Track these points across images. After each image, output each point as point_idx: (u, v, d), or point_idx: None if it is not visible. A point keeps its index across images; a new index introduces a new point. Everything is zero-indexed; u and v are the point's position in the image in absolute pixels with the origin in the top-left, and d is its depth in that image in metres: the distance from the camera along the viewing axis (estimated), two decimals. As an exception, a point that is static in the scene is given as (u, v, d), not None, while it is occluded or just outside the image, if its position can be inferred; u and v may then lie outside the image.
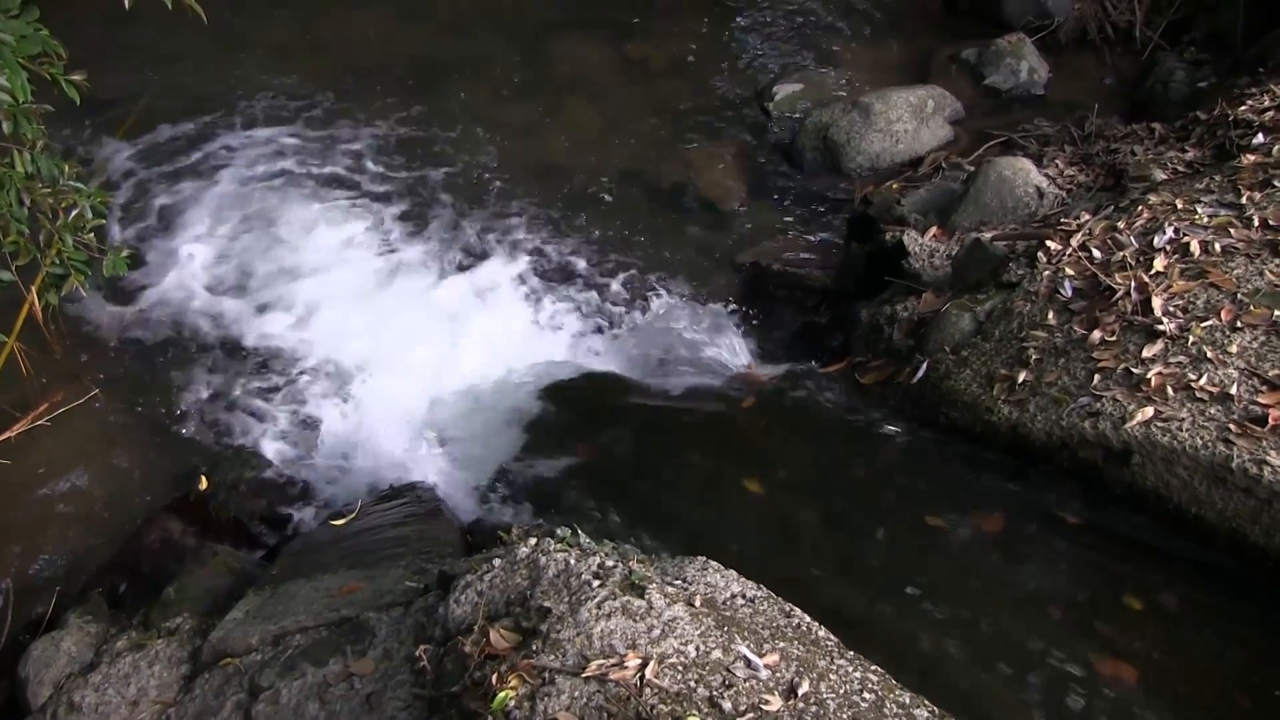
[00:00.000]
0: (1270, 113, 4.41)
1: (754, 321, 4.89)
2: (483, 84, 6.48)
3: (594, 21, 7.12)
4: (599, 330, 4.90)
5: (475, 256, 5.25)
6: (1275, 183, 3.77)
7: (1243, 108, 4.53)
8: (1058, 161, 5.00)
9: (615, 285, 5.10)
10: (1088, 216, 3.98)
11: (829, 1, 7.36)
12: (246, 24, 6.85)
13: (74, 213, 2.97)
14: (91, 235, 3.06)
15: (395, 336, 4.76)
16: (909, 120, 5.73)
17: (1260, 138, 4.22)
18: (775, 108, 6.20)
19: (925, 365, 3.80)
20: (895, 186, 5.18)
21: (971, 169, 4.97)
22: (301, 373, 4.67)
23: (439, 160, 5.85)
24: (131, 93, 6.20)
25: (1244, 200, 3.73)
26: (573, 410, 4.21)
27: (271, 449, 4.34)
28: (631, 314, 4.97)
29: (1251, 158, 4.00)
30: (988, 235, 4.19)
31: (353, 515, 3.71)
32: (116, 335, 4.84)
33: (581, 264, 5.22)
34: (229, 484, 4.08)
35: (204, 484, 4.05)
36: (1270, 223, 3.56)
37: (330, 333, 4.80)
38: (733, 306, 4.95)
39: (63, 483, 4.18)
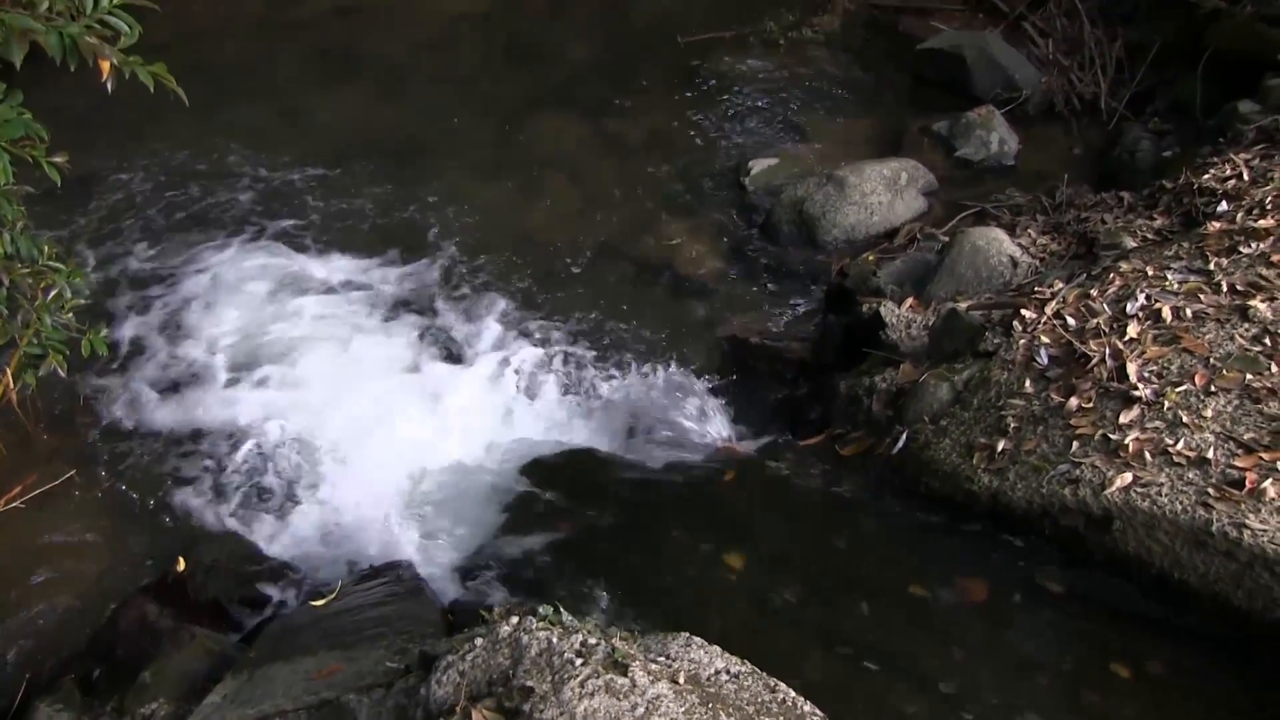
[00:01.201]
0: (1232, 181, 4.51)
1: (733, 395, 4.90)
2: (461, 162, 6.55)
3: (571, 99, 7.23)
4: (579, 406, 4.90)
5: (454, 334, 5.26)
6: (1241, 249, 3.84)
7: (1206, 176, 4.62)
8: (1030, 231, 5.07)
9: (594, 360, 5.11)
10: (1061, 285, 4.02)
11: (802, 78, 7.50)
12: (227, 104, 6.92)
13: (53, 293, 2.98)
14: (70, 315, 3.06)
15: (374, 415, 4.75)
16: (883, 193, 5.81)
17: (1224, 205, 4.31)
18: (751, 182, 6.28)
19: (904, 436, 3.80)
20: (871, 258, 5.23)
21: (946, 240, 5.03)
22: (280, 453, 4.64)
23: (417, 238, 5.88)
24: (112, 172, 6.24)
25: (1212, 266, 3.79)
26: (553, 486, 4.19)
27: (250, 529, 4.30)
28: (611, 389, 4.97)
29: (1217, 225, 4.08)
30: (963, 305, 4.24)
31: (332, 596, 3.66)
32: (94, 416, 4.81)
33: (561, 339, 5.23)
34: (207, 565, 4.03)
35: (181, 565, 4.00)
36: (1238, 288, 3.62)
37: (308, 412, 4.78)
38: (712, 380, 4.97)
39: (37, 566, 4.12)
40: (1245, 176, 4.55)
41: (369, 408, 4.80)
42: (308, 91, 7.37)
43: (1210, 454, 3.07)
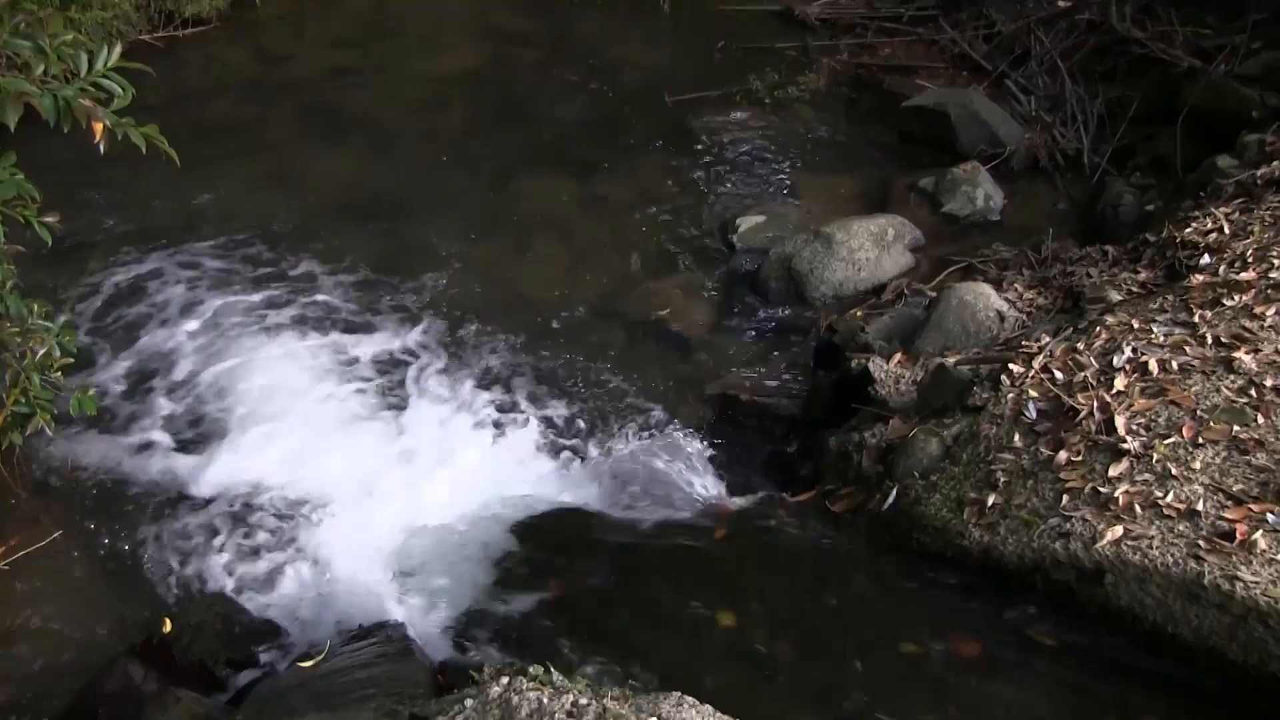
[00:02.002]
0: (1214, 235, 4.57)
1: (724, 452, 4.89)
2: (451, 220, 6.58)
3: (560, 158, 7.29)
4: (569, 464, 4.89)
5: (444, 392, 5.25)
6: (1224, 301, 3.88)
7: (1188, 230, 4.68)
8: (1017, 285, 5.10)
9: (584, 418, 5.10)
10: (1048, 338, 4.05)
11: (789, 136, 7.59)
12: (218, 164, 6.96)
13: (41, 352, 2.98)
14: (59, 374, 3.05)
15: (363, 474, 4.73)
16: (870, 249, 5.85)
17: (1207, 258, 4.36)
18: (739, 240, 6.31)
19: (895, 491, 3.80)
20: (859, 314, 5.26)
21: (933, 295, 5.06)
22: (267, 512, 4.61)
23: (406, 297, 5.90)
24: (103, 232, 6.26)
25: (1196, 319, 3.82)
26: (543, 545, 4.17)
27: (237, 590, 4.25)
28: (601, 447, 4.96)
29: (1200, 278, 4.12)
30: (951, 360, 4.25)
31: (321, 657, 3.62)
32: (80, 476, 4.77)
33: (550, 397, 5.23)
34: (193, 627, 3.97)
35: (167, 627, 3.95)
36: (1223, 340, 3.65)
37: (296, 471, 4.75)
38: (702, 437, 4.96)
39: (19, 629, 4.06)
40: (1226, 230, 4.61)
41: (357, 466, 4.78)
42: (299, 151, 7.43)
43: (1200, 506, 3.07)
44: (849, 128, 7.79)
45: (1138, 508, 3.14)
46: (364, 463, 4.81)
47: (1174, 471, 3.20)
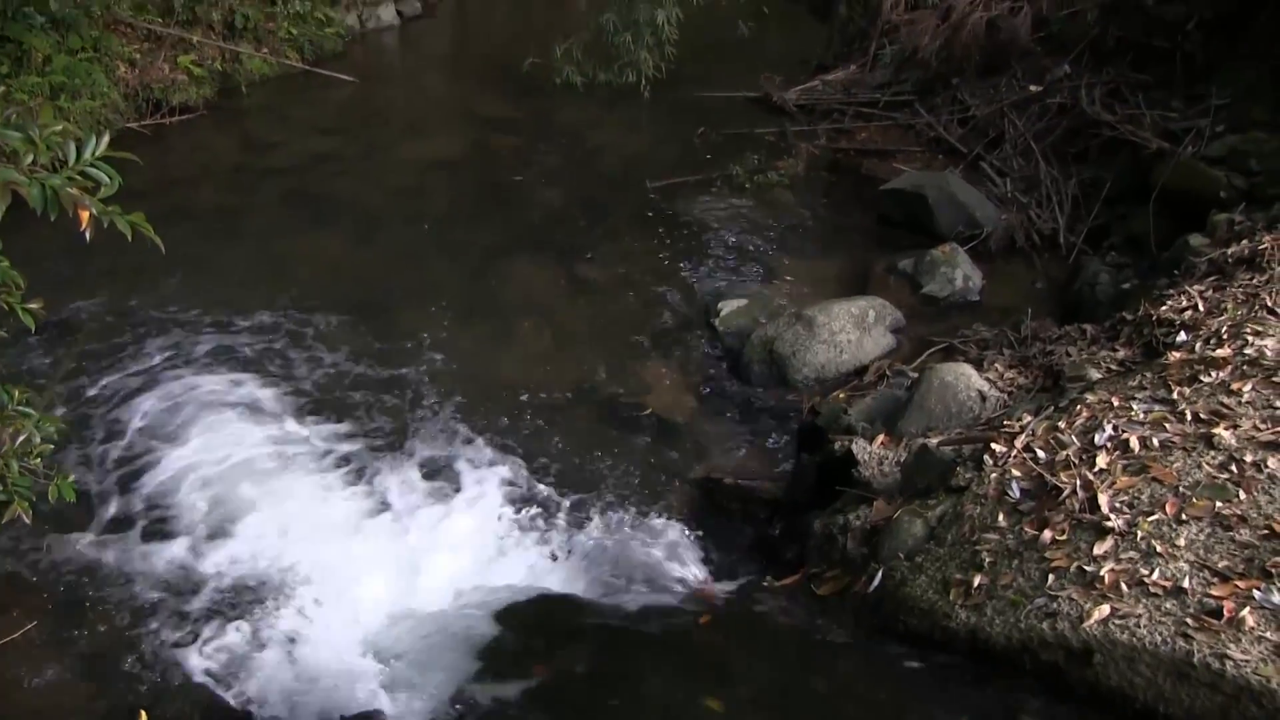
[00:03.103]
0: (1189, 312, 4.63)
1: (708, 536, 4.86)
2: (434, 306, 6.62)
3: (541, 244, 7.37)
4: (552, 551, 4.84)
5: (426, 480, 5.21)
6: (1202, 378, 3.91)
7: (1164, 308, 4.75)
8: (997, 365, 5.14)
9: (568, 504, 5.07)
10: (1029, 418, 4.06)
11: (769, 220, 7.69)
12: (203, 250, 7.02)
13: (21, 438, 2.95)
14: (39, 461, 3.03)
15: (344, 562, 4.67)
16: (852, 330, 5.89)
17: (1183, 335, 4.41)
18: (721, 323, 6.35)
19: (880, 574, 3.77)
20: (842, 396, 5.28)
21: (915, 376, 5.09)
22: (246, 600, 4.54)
23: (390, 383, 5.89)
24: (86, 317, 6.26)
25: (1175, 395, 3.85)
26: (528, 632, 4.12)
27: (216, 681, 4.17)
28: (585, 533, 4.92)
29: (1177, 355, 4.16)
30: (934, 441, 4.26)
31: (300, 752, 3.55)
32: (57, 565, 4.71)
33: (534, 484, 5.19)
34: (170, 721, 3.91)
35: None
36: (1202, 416, 3.67)
37: (277, 560, 4.69)
38: (686, 522, 4.93)
39: (-8, 725, 3.99)
40: (1201, 307, 4.67)
41: (339, 554, 4.72)
42: (282, 236, 7.49)
43: (1186, 583, 3.06)
44: (828, 211, 7.91)
45: (1124, 586, 3.13)
46: (345, 550, 4.75)
47: (1159, 549, 3.19)
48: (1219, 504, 3.30)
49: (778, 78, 9.98)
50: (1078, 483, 3.56)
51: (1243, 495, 3.32)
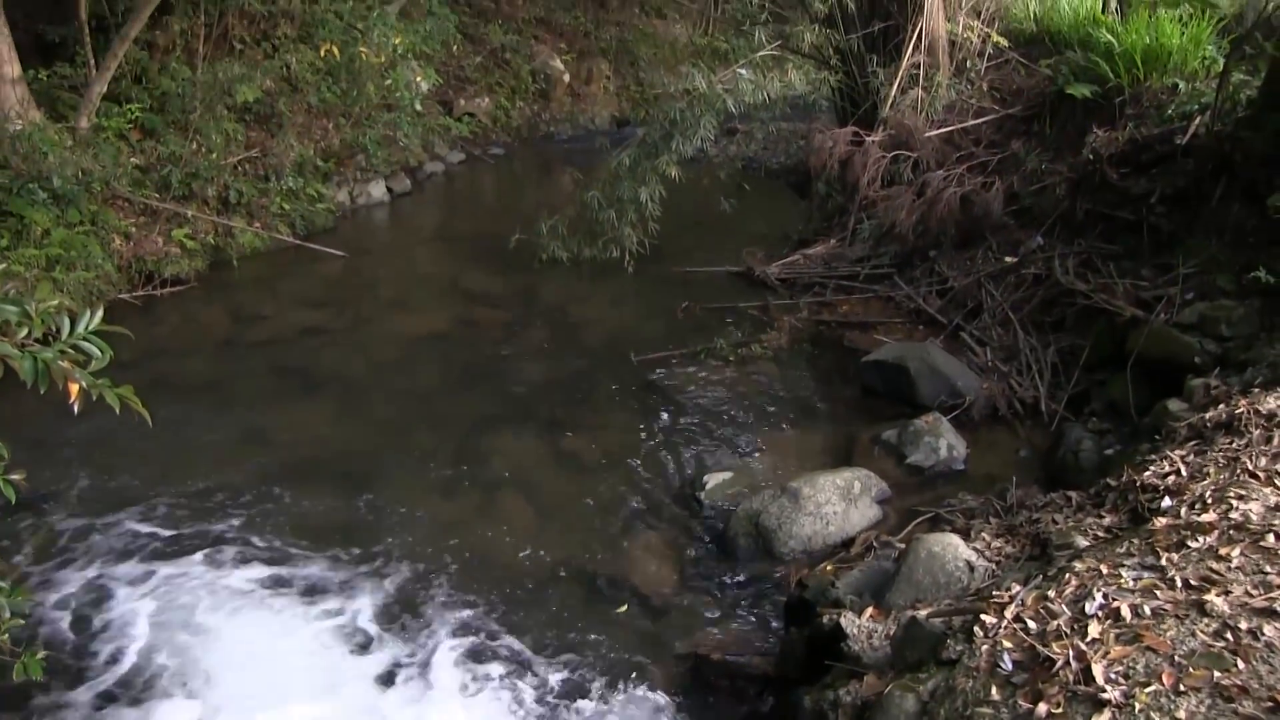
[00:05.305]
0: (1172, 478, 4.64)
1: (696, 713, 4.74)
2: (418, 479, 6.59)
3: (526, 418, 7.39)
4: (537, 731, 4.72)
5: (409, 657, 5.10)
6: (1189, 544, 3.89)
7: (1147, 474, 4.76)
8: (984, 534, 5.11)
9: (553, 683, 4.94)
10: (1018, 587, 4.02)
11: (753, 392, 7.75)
12: (189, 421, 7.03)
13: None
14: (6, 637, 2.96)
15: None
16: (837, 503, 5.88)
17: (1168, 501, 4.40)
18: (706, 496, 6.33)
19: (874, 750, 3.68)
20: (829, 569, 5.22)
21: (902, 547, 5.06)
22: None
23: (373, 556, 5.81)
24: (67, 488, 6.22)
25: (1164, 562, 3.82)
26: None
27: None
28: (571, 712, 4.79)
29: (1163, 521, 4.15)
30: (924, 613, 4.20)
31: None
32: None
33: (518, 662, 5.08)
34: None
35: None
36: (1192, 583, 3.63)
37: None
38: (674, 700, 4.81)
39: None
40: (1183, 472, 4.68)
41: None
42: (269, 409, 7.51)
43: (1189, 758, 2.98)
44: (812, 383, 7.99)
45: (1125, 761, 3.04)
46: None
47: (1158, 722, 3.12)
48: (1217, 674, 3.24)
49: (759, 252, 10.22)
50: (1070, 653, 3.50)
51: (1241, 664, 3.26)
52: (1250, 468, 4.51)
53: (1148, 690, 3.24)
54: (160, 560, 5.73)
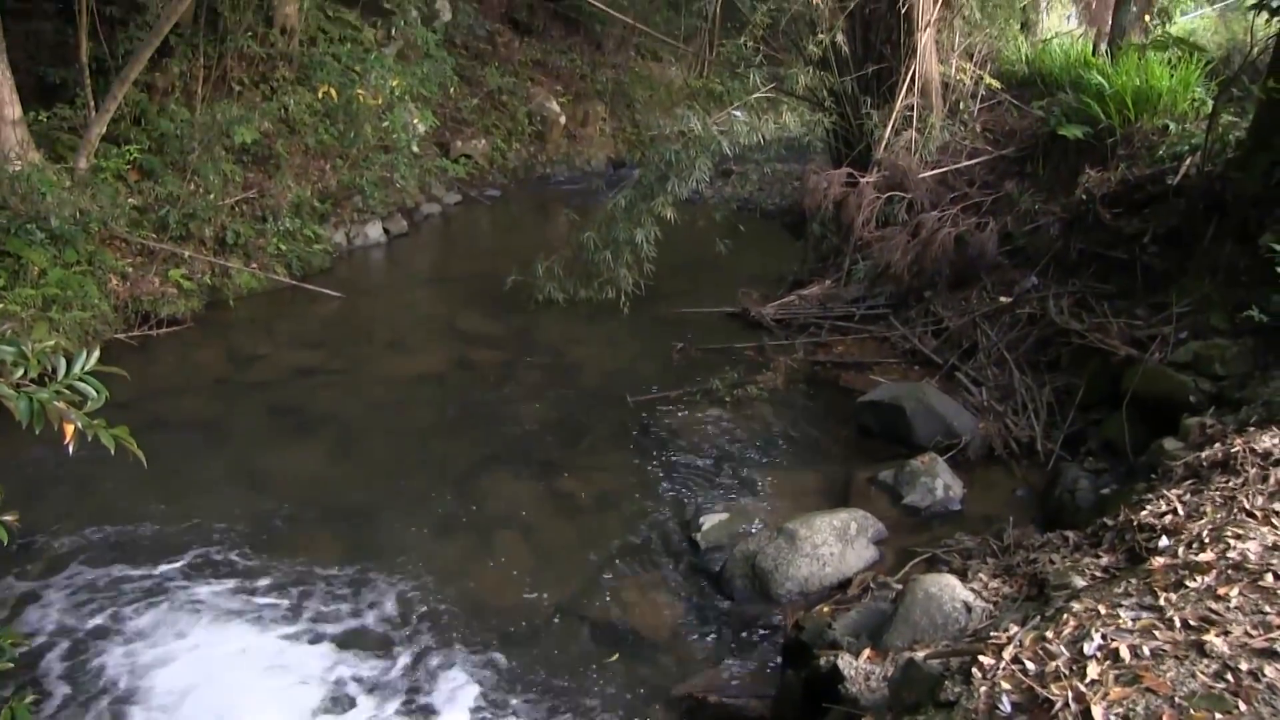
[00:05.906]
0: (1169, 517, 4.62)
1: (694, 756, 4.71)
2: (413, 521, 6.56)
3: (522, 459, 7.38)
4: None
5: (403, 702, 5.05)
6: (1187, 583, 3.87)
7: (1144, 513, 4.74)
8: (981, 574, 5.09)
9: (549, 726, 4.91)
10: (1016, 628, 4.00)
11: (749, 433, 7.74)
12: (183, 461, 7.01)
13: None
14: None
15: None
16: (834, 544, 5.86)
17: (1165, 540, 4.39)
18: (703, 538, 6.30)
19: (873, 793, 3.64)
20: (826, 610, 5.20)
21: (899, 588, 5.03)
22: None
23: (368, 599, 5.78)
24: (60, 530, 6.19)
25: (1162, 602, 3.80)
26: None
27: None
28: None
29: (1161, 560, 4.14)
30: (921, 654, 4.18)
31: None
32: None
33: (514, 704, 5.04)
34: None
35: None
36: (1191, 623, 3.62)
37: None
38: (671, 741, 4.78)
39: None
40: (1180, 512, 4.67)
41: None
42: (264, 449, 7.50)
43: (1191, 802, 2.95)
44: (808, 423, 7.99)
45: (1126, 805, 3.02)
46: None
47: (1159, 764, 3.10)
48: (1219, 715, 3.21)
49: (755, 293, 10.25)
50: (1070, 695, 3.47)
51: (1243, 706, 3.24)
52: (1247, 506, 4.51)
53: (1148, 732, 3.21)
54: (151, 601, 5.68)
